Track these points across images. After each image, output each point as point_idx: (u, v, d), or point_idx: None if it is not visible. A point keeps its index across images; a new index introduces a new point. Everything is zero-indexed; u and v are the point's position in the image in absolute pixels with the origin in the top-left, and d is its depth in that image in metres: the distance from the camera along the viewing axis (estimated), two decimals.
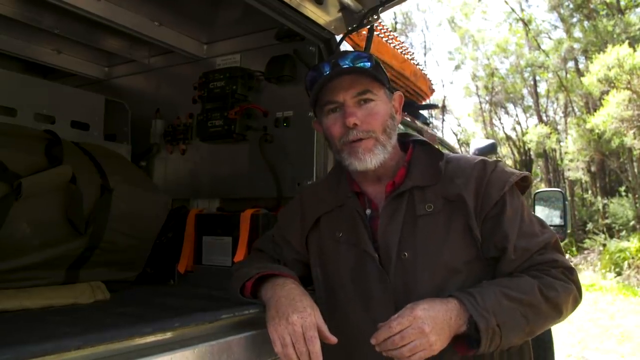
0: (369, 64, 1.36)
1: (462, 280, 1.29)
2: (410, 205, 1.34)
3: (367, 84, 1.35)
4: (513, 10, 22.40)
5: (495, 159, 1.46)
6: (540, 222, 1.36)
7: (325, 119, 1.40)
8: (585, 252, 16.12)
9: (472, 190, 1.31)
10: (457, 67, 26.08)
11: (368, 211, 1.42)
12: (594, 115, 14.84)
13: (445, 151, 1.59)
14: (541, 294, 1.21)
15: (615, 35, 16.74)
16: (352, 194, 1.45)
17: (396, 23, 24.92)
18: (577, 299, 1.30)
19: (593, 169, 19.50)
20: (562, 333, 6.67)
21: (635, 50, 12.81)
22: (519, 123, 24.53)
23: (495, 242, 1.29)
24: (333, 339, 1.17)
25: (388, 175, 1.42)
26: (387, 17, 25.70)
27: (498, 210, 1.30)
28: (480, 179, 1.32)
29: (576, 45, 19.59)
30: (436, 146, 1.46)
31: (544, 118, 22.73)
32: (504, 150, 23.59)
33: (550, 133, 20.44)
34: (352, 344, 1.31)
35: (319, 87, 1.36)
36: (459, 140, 24.66)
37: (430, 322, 1.13)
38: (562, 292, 1.25)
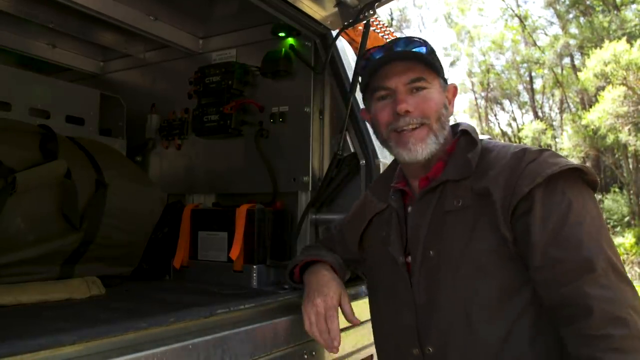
0: (425, 49, 1.27)
1: (492, 284, 1.14)
2: (441, 201, 1.24)
3: (421, 71, 1.25)
4: (509, 6, 22.41)
5: (543, 147, 1.27)
6: (591, 231, 1.06)
7: (375, 105, 1.32)
8: None
9: (502, 183, 1.14)
10: (453, 64, 26.09)
11: (410, 208, 1.33)
12: (589, 111, 14.89)
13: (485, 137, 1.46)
14: None
15: (611, 32, 16.79)
16: (394, 191, 1.39)
17: (392, 19, 24.90)
18: None
19: (588, 164, 19.59)
20: None
21: (632, 46, 12.85)
22: (514, 119, 24.62)
23: (523, 243, 1.11)
24: (356, 321, 1.34)
25: (430, 169, 1.31)
26: (383, 13, 25.67)
27: (526, 206, 1.10)
28: (512, 169, 1.14)
29: (572, 42, 19.64)
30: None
31: (540, 114, 22.82)
32: None
33: (546, 129, 20.52)
34: (388, 342, 1.37)
35: (371, 72, 1.28)
36: None
37: None
38: None
